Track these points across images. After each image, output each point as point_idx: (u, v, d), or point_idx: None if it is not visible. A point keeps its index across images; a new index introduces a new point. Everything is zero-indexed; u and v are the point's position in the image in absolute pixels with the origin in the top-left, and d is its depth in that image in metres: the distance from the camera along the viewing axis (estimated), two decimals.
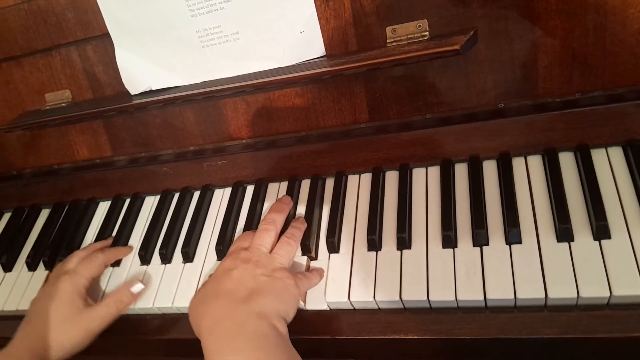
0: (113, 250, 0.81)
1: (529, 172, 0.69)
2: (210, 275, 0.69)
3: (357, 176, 0.78)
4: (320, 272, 0.69)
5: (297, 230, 0.72)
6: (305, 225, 0.73)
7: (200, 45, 0.77)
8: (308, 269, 0.71)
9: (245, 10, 0.72)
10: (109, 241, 0.85)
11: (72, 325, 0.70)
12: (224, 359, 0.58)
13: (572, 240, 0.61)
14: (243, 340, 0.58)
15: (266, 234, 0.70)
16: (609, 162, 0.66)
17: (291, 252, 0.70)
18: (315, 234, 0.74)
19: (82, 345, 0.71)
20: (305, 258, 0.72)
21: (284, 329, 0.61)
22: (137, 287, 0.75)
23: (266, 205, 0.80)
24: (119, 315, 0.73)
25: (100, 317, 0.72)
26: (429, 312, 0.63)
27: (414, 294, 0.63)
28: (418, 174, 0.74)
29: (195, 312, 0.65)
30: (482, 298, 0.60)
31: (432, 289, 0.62)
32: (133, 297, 0.74)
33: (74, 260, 0.78)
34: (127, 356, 0.79)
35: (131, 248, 0.83)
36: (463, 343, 0.61)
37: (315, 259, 0.71)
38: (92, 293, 0.77)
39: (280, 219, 0.73)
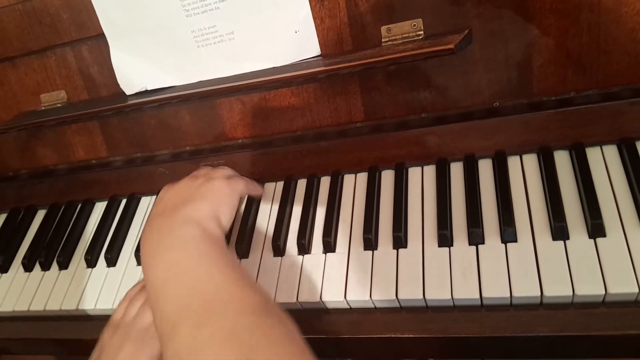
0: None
1: (524, 170, 0.69)
2: None
3: (353, 175, 0.78)
4: (260, 186, 0.76)
5: (253, 184, 0.77)
6: (259, 189, 0.79)
7: (196, 45, 0.77)
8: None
9: (240, 10, 0.72)
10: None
11: None
12: (150, 269, 0.57)
13: (568, 238, 0.61)
14: (168, 245, 0.59)
15: (220, 168, 0.75)
16: (603, 161, 0.66)
17: (230, 172, 0.74)
18: (311, 234, 0.74)
19: None
20: (301, 258, 0.71)
21: (216, 230, 0.63)
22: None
23: (261, 205, 0.80)
24: None
25: None
26: (425, 311, 0.63)
27: (410, 293, 0.63)
28: (414, 173, 0.75)
29: (144, 227, 0.67)
30: (478, 297, 0.60)
31: (428, 287, 0.62)
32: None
33: (146, 313, 0.62)
34: None
35: None
36: (459, 342, 0.61)
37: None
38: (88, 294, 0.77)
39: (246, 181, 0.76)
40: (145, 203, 0.89)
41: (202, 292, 0.51)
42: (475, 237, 0.64)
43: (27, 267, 0.87)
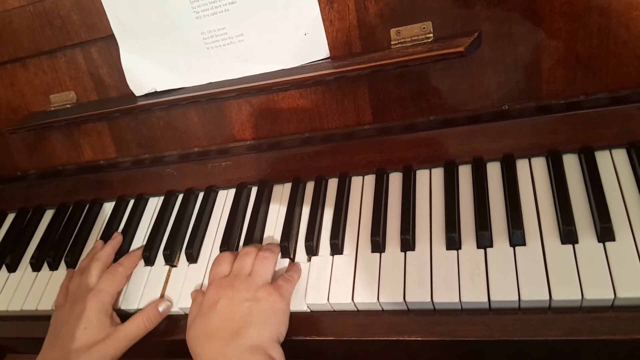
0: (130, 258, 0.80)
1: (532, 174, 0.69)
2: (196, 310, 0.68)
3: (360, 178, 0.78)
4: (297, 267, 0.70)
5: (271, 246, 0.73)
6: (278, 247, 0.74)
7: (205, 47, 0.77)
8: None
9: (250, 12, 0.73)
10: (118, 239, 0.84)
11: (102, 345, 0.69)
12: None
13: (576, 242, 0.61)
14: None
15: (246, 257, 0.70)
16: (613, 164, 0.66)
17: (269, 265, 0.69)
18: (319, 236, 0.74)
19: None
20: (308, 260, 0.72)
21: (279, 355, 0.61)
22: (164, 306, 0.74)
23: (270, 207, 0.80)
24: (147, 333, 0.73)
25: (129, 337, 0.71)
26: (433, 314, 0.63)
27: (418, 296, 0.63)
28: (422, 175, 0.75)
29: (193, 350, 0.65)
30: (486, 300, 0.60)
31: (435, 290, 0.62)
32: (160, 316, 0.74)
33: (93, 274, 0.76)
34: (128, 357, 0.79)
35: (142, 248, 0.82)
36: (467, 345, 0.61)
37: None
38: None
39: (254, 250, 0.72)
40: (153, 204, 0.89)
41: None
42: (484, 240, 0.64)
43: (35, 266, 0.87)
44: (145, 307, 0.74)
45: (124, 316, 0.76)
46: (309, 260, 0.72)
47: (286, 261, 0.72)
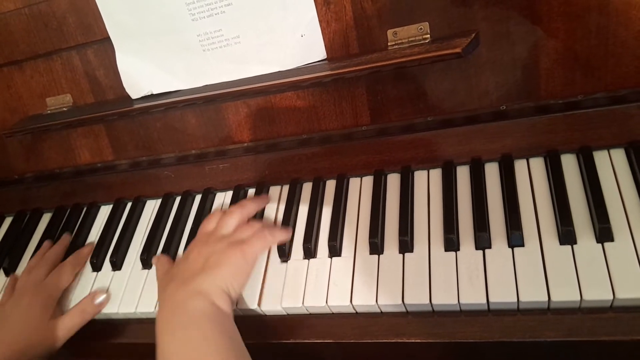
0: (78, 255, 0.84)
1: (531, 174, 0.69)
2: None
3: (358, 179, 0.78)
4: (286, 230, 0.73)
5: (277, 232, 0.74)
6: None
7: (201, 49, 0.77)
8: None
9: (246, 14, 0.72)
10: (67, 240, 0.88)
11: (39, 336, 0.73)
12: (163, 339, 0.61)
13: (575, 243, 0.60)
14: (178, 320, 0.62)
15: (229, 217, 0.73)
16: (611, 164, 0.66)
17: (250, 230, 0.72)
18: (317, 237, 0.73)
19: (49, 354, 0.74)
20: (306, 262, 0.71)
21: (225, 305, 0.64)
22: (101, 299, 0.77)
23: (267, 208, 0.80)
24: (84, 324, 0.76)
25: (65, 328, 0.74)
26: (432, 316, 0.63)
27: (417, 298, 0.62)
28: (420, 176, 0.74)
29: (158, 290, 0.71)
30: (484, 301, 0.60)
31: (434, 292, 0.62)
32: (96, 308, 0.77)
33: (41, 272, 0.80)
34: (126, 358, 0.79)
35: (93, 246, 0.85)
36: (466, 346, 0.60)
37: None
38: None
39: (250, 206, 0.76)
40: (151, 206, 0.89)
41: None
42: (482, 241, 0.64)
43: None
44: (82, 300, 0.78)
45: (122, 321, 0.76)
46: (307, 262, 0.71)
47: (284, 264, 0.72)
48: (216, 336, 0.60)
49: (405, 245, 0.67)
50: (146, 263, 0.80)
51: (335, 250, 0.70)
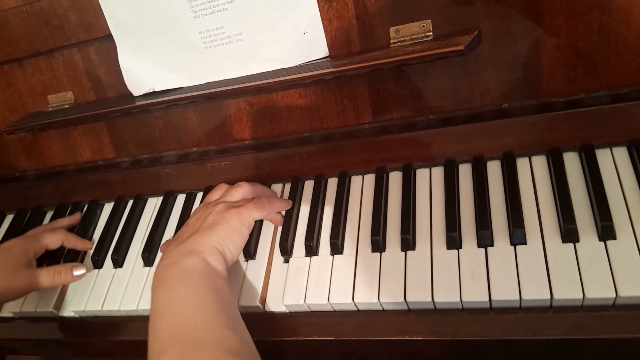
0: (76, 236, 0.86)
1: (533, 172, 0.69)
2: None
3: (360, 177, 0.78)
4: (285, 201, 0.76)
5: (275, 201, 0.76)
6: (289, 205, 0.77)
7: (203, 47, 0.77)
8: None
9: (248, 11, 0.72)
10: (78, 216, 0.91)
11: (9, 275, 0.76)
12: (153, 295, 0.63)
13: (577, 241, 0.60)
14: (169, 276, 0.63)
15: (237, 189, 0.75)
16: (613, 162, 0.66)
17: (245, 193, 0.74)
18: (319, 235, 0.73)
19: (13, 295, 0.77)
20: (308, 259, 0.71)
21: (217, 263, 0.65)
22: (79, 271, 0.80)
23: None
24: (51, 286, 0.79)
25: (35, 278, 0.77)
26: (434, 313, 0.63)
27: (419, 295, 0.62)
28: (422, 174, 0.74)
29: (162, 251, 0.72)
30: (487, 299, 0.60)
31: (436, 290, 0.62)
32: (72, 278, 0.80)
33: (39, 228, 0.86)
34: (130, 358, 0.79)
35: (91, 244, 0.86)
36: (468, 344, 0.60)
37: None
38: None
39: (259, 188, 0.78)
40: (152, 204, 0.89)
41: (190, 328, 0.57)
42: (484, 239, 0.64)
43: None
44: (62, 264, 0.81)
45: (124, 319, 0.76)
46: (309, 260, 0.71)
47: (286, 262, 0.72)
48: (205, 293, 0.61)
49: (407, 243, 0.67)
50: (148, 261, 0.80)
51: (337, 248, 0.70)
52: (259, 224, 0.78)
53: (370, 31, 0.71)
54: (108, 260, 0.83)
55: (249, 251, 0.74)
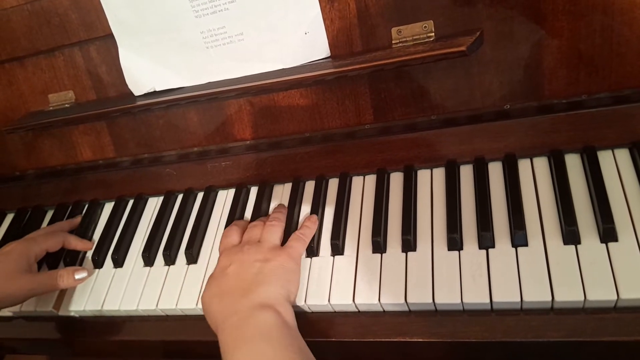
0: (76, 237, 0.85)
1: (534, 174, 0.68)
2: (210, 277, 0.70)
3: (361, 177, 0.77)
4: (312, 220, 0.73)
5: (278, 214, 0.75)
6: (285, 209, 0.76)
7: (205, 46, 0.77)
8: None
9: (250, 11, 0.72)
10: (77, 219, 0.90)
11: (10, 281, 0.74)
12: (232, 356, 0.59)
13: (579, 242, 0.60)
14: (248, 334, 0.60)
15: (253, 229, 0.73)
16: (615, 164, 0.66)
17: (277, 231, 0.72)
18: (319, 236, 0.73)
19: (15, 301, 0.76)
20: (309, 260, 0.71)
21: (288, 314, 0.63)
22: (81, 274, 0.79)
23: (271, 206, 0.80)
24: (53, 290, 0.78)
25: (37, 282, 0.76)
26: (435, 315, 0.62)
27: (420, 297, 0.62)
28: (423, 175, 0.74)
29: (207, 311, 0.66)
30: (488, 301, 0.59)
31: (437, 291, 0.62)
32: (74, 281, 0.79)
33: (39, 231, 0.85)
34: (129, 358, 0.79)
35: (92, 244, 0.86)
36: (469, 346, 0.60)
37: None
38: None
39: (262, 222, 0.75)
40: (153, 204, 0.89)
41: None
42: (486, 240, 0.63)
43: None
44: (65, 268, 0.79)
45: (123, 319, 0.76)
46: (310, 261, 0.71)
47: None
48: (287, 348, 0.59)
49: (408, 244, 0.67)
50: (148, 260, 0.80)
51: (337, 248, 0.70)
52: None
53: (372, 31, 0.70)
54: (108, 260, 0.83)
55: None
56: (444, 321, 0.62)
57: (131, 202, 0.90)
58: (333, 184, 0.78)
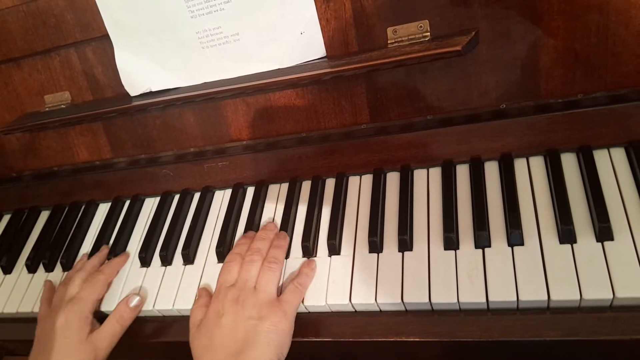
0: (111, 265, 0.80)
1: (530, 173, 0.69)
2: (202, 321, 0.68)
3: (358, 177, 0.77)
4: (310, 267, 0.70)
5: (278, 250, 0.72)
6: (287, 239, 0.73)
7: (200, 47, 0.76)
8: None
9: (246, 11, 0.72)
10: (105, 251, 0.84)
11: (81, 352, 0.70)
12: None
13: (575, 242, 0.60)
14: None
15: (252, 266, 0.69)
16: (611, 163, 0.66)
17: (274, 278, 0.69)
18: (316, 236, 0.73)
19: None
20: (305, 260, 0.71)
21: None
22: (135, 301, 0.75)
23: (266, 207, 0.80)
24: (124, 330, 0.74)
25: (106, 338, 0.72)
26: (431, 315, 0.62)
27: (416, 296, 0.62)
28: (419, 175, 0.74)
29: (196, 358, 0.65)
30: (484, 300, 0.59)
31: (434, 291, 0.62)
32: (133, 312, 0.75)
33: (76, 284, 0.77)
34: (125, 359, 0.79)
35: (128, 255, 0.83)
36: (465, 345, 0.60)
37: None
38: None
39: (264, 246, 0.72)
40: (149, 204, 0.89)
41: None
42: (482, 240, 0.64)
43: (31, 268, 0.87)
44: (116, 306, 0.75)
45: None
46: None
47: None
48: None
49: (405, 244, 0.67)
50: (144, 261, 0.80)
51: (334, 249, 0.70)
52: (257, 224, 0.78)
53: (367, 31, 0.70)
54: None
55: None
56: (440, 321, 0.62)
57: (128, 202, 0.90)
58: (329, 184, 0.78)
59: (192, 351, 0.66)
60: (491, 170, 0.71)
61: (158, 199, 0.88)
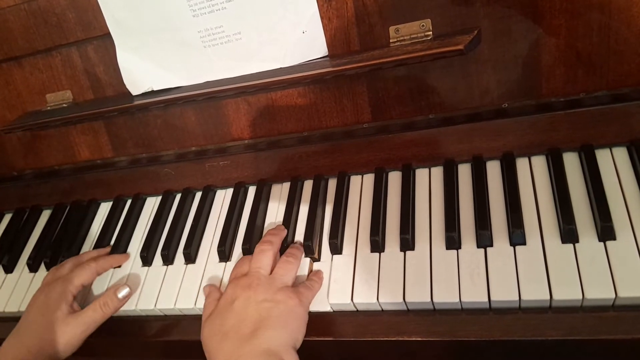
0: (107, 259, 0.80)
1: (532, 172, 0.68)
2: (215, 309, 0.66)
3: (359, 177, 0.77)
4: (319, 276, 0.69)
5: (296, 250, 0.71)
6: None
7: (202, 46, 0.76)
8: (311, 271, 0.70)
9: (248, 10, 0.72)
10: (107, 249, 0.84)
11: (60, 328, 0.70)
12: None
13: (577, 241, 0.60)
14: None
15: (263, 255, 0.69)
16: (613, 163, 0.66)
17: (292, 269, 0.68)
18: (318, 236, 0.73)
19: (72, 347, 0.71)
20: (308, 260, 0.71)
21: None
22: (124, 292, 0.74)
23: (269, 206, 0.80)
24: (105, 319, 0.73)
25: (84, 323, 0.71)
26: (433, 314, 0.62)
27: (418, 296, 0.62)
28: (421, 174, 0.74)
29: (207, 348, 0.64)
30: (486, 299, 0.59)
31: (435, 290, 0.62)
32: (119, 302, 0.74)
33: (67, 267, 0.78)
34: (127, 358, 0.79)
35: (127, 256, 0.82)
36: (467, 345, 0.60)
37: (318, 260, 0.71)
38: (89, 296, 0.79)
39: (276, 240, 0.71)
40: (151, 203, 0.89)
41: None
42: (484, 239, 0.63)
43: (32, 267, 0.87)
44: (104, 293, 0.75)
45: (122, 319, 0.76)
46: (308, 260, 0.71)
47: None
48: None
49: (407, 243, 0.67)
50: (146, 260, 0.80)
51: (336, 248, 0.70)
52: (260, 223, 0.78)
53: (369, 30, 0.70)
54: None
55: (249, 250, 0.74)
56: (442, 320, 0.62)
57: (129, 201, 0.90)
58: (331, 183, 0.78)
59: (203, 343, 0.64)
60: (493, 170, 0.71)
61: (159, 198, 0.88)
